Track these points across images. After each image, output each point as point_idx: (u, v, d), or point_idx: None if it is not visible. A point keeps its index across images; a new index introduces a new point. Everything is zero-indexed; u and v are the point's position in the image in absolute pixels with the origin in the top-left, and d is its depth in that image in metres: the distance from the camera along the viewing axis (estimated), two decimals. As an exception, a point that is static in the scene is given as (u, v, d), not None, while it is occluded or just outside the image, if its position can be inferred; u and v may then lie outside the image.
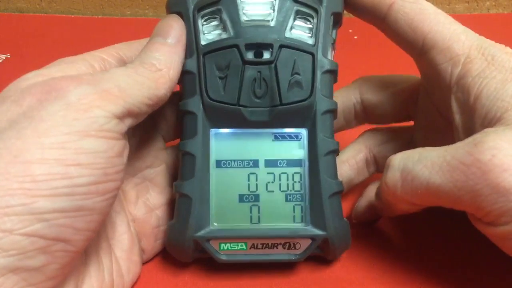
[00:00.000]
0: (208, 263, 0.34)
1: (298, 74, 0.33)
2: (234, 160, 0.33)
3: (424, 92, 0.36)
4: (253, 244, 0.32)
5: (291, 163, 0.33)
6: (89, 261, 0.30)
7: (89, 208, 0.26)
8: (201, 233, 0.32)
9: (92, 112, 0.26)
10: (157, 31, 0.32)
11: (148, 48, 0.31)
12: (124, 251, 0.33)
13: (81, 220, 0.26)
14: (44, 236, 0.24)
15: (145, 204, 0.35)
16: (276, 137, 0.34)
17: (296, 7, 0.33)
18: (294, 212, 0.33)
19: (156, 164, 0.36)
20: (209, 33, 0.33)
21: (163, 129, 0.37)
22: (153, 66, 0.30)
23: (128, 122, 0.29)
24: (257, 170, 0.33)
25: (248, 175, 0.33)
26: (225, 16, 0.33)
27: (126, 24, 0.69)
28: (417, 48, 0.33)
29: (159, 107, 0.31)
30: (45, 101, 0.26)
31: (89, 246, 0.30)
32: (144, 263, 0.35)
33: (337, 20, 0.35)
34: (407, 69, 0.57)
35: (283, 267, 0.34)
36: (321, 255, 0.34)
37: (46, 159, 0.25)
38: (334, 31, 0.35)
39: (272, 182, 0.33)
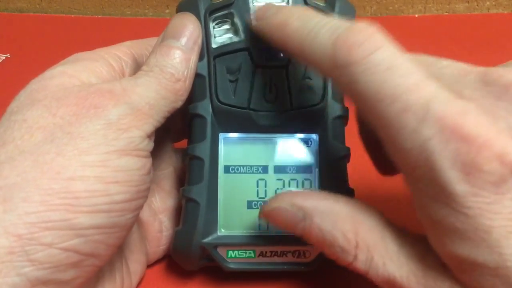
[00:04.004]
0: (214, 272, 0.34)
1: (310, 78, 0.33)
2: (243, 166, 0.33)
3: None
4: (262, 251, 0.32)
5: (301, 169, 0.33)
6: None
7: (122, 225, 0.27)
8: (208, 239, 0.32)
9: (131, 132, 0.27)
10: (171, 31, 0.31)
11: (165, 53, 0.30)
12: (132, 251, 0.32)
13: (113, 236, 0.27)
14: (79, 251, 0.25)
15: (150, 207, 0.35)
16: (286, 143, 0.33)
17: None
18: (304, 219, 0.33)
19: (163, 167, 0.36)
20: (220, 36, 0.33)
21: (170, 132, 0.37)
22: (172, 77, 0.30)
23: (153, 138, 0.29)
24: (266, 176, 0.33)
25: (257, 181, 0.33)
26: (237, 20, 0.32)
27: (126, 24, 0.69)
28: None
29: None
30: (83, 117, 0.27)
31: None
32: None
33: None
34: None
35: (292, 277, 0.34)
36: (331, 264, 0.33)
37: (87, 176, 0.25)
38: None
39: (282, 189, 0.33)
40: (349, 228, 0.27)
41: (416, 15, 0.69)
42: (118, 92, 0.28)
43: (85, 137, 0.26)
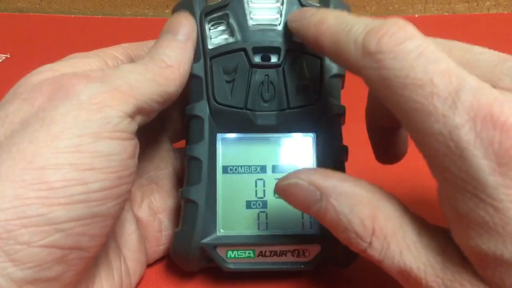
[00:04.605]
0: (214, 272, 0.34)
1: (306, 77, 0.33)
2: (241, 166, 0.33)
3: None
4: (261, 251, 0.32)
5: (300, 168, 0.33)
6: (99, 262, 0.30)
7: (103, 214, 0.26)
8: (208, 240, 0.32)
9: (105, 112, 0.26)
10: (166, 28, 0.32)
11: (158, 45, 0.31)
12: (131, 250, 0.32)
13: (96, 226, 0.25)
14: (61, 246, 0.24)
15: (149, 207, 0.35)
16: (284, 142, 0.33)
17: None
18: (302, 218, 0.32)
19: (163, 167, 0.36)
20: (216, 37, 0.33)
21: (170, 132, 0.37)
22: (163, 63, 0.30)
23: (139, 120, 0.28)
24: (265, 176, 0.33)
25: (256, 181, 0.33)
26: (232, 21, 0.33)
27: (126, 24, 0.69)
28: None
29: (168, 105, 0.30)
30: (54, 100, 0.25)
31: None
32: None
33: None
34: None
35: (291, 277, 0.34)
36: (331, 263, 0.33)
37: (60, 164, 0.24)
38: (341, 37, 0.35)
39: None
40: (367, 214, 0.26)
41: (416, 15, 0.69)
42: (95, 74, 0.27)
43: (56, 121, 0.25)
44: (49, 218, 0.23)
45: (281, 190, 0.29)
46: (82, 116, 0.25)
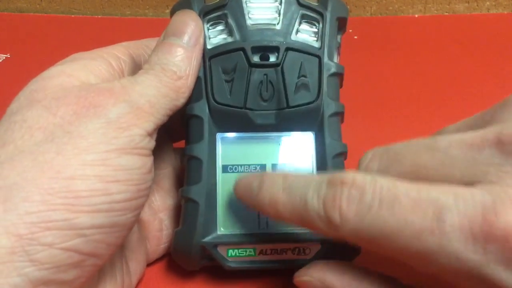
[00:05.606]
0: (215, 272, 0.34)
1: (305, 76, 0.33)
2: (241, 165, 0.33)
3: None
4: (262, 249, 0.32)
5: (299, 167, 0.33)
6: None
7: (122, 224, 0.27)
8: (208, 238, 0.32)
9: (131, 131, 0.27)
10: (172, 30, 0.32)
11: (166, 51, 0.31)
12: (132, 250, 0.32)
13: (113, 235, 0.26)
14: (80, 251, 0.25)
15: (150, 206, 0.35)
16: (283, 141, 0.34)
17: (302, 11, 0.33)
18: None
19: (163, 167, 0.36)
20: (214, 37, 0.33)
21: (169, 131, 0.37)
22: (174, 74, 0.30)
23: (155, 137, 0.29)
24: None
25: None
26: (231, 21, 0.33)
27: (126, 24, 0.69)
28: None
29: None
30: (82, 116, 0.27)
31: None
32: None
33: (342, 25, 0.35)
34: (406, 70, 0.57)
35: (292, 275, 0.34)
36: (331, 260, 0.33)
37: (87, 175, 0.25)
38: (339, 36, 0.35)
39: None
40: None
41: (416, 15, 0.69)
42: (118, 90, 0.28)
43: (85, 136, 0.26)
44: (73, 223, 0.24)
45: (297, 283, 0.29)
46: (110, 133, 0.26)
